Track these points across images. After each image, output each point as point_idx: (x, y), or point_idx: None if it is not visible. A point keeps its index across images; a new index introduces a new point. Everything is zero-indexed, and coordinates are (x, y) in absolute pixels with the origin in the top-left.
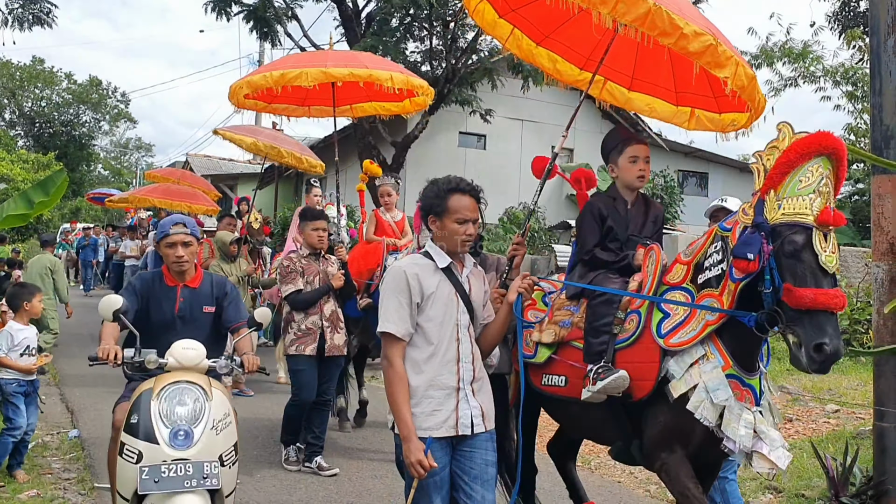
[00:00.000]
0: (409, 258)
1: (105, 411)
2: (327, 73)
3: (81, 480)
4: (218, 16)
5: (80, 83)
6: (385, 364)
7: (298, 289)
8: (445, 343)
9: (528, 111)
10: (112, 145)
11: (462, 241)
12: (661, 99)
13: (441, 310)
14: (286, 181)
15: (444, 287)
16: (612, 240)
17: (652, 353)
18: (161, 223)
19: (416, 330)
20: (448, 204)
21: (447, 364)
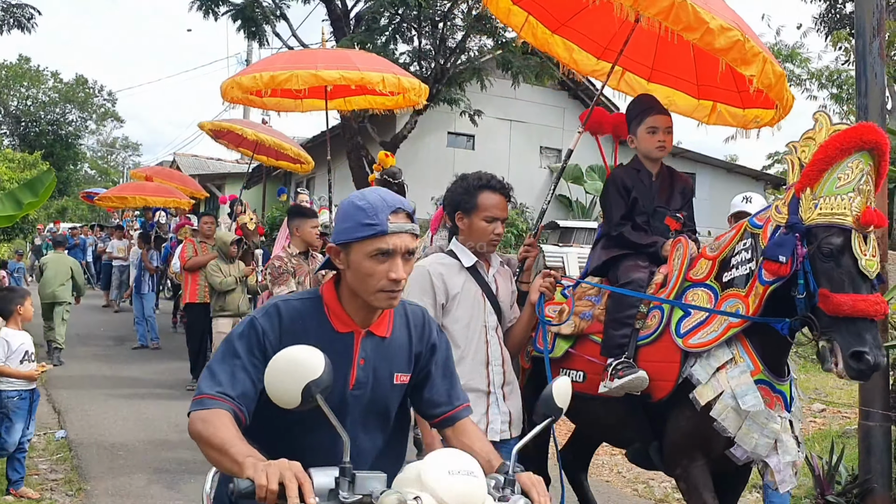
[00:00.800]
0: (433, 257)
1: (92, 412)
2: (318, 77)
3: (69, 481)
4: (205, 15)
5: (66, 82)
6: None
7: (291, 291)
8: (474, 345)
9: (517, 111)
10: (99, 144)
11: (490, 241)
12: (682, 91)
13: (467, 310)
14: (274, 181)
15: (469, 287)
16: (638, 213)
17: (672, 352)
18: (365, 208)
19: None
20: (478, 200)
21: (477, 367)
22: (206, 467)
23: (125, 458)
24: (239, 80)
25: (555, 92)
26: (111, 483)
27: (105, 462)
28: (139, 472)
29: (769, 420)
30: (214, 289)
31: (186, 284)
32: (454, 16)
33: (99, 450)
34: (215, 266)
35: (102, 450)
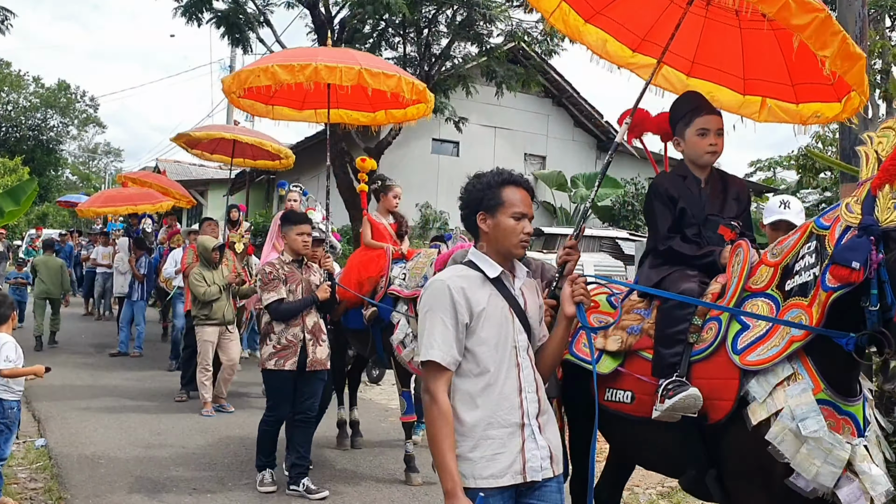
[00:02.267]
0: (451, 269)
1: (72, 420)
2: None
3: (48, 490)
4: (188, 21)
5: (48, 87)
6: (427, 400)
7: (281, 297)
8: (504, 370)
9: (501, 118)
10: (80, 150)
11: (520, 242)
12: (726, 87)
13: (495, 330)
14: (257, 186)
15: (495, 302)
16: (687, 224)
17: (731, 368)
18: None
19: (466, 356)
20: (503, 196)
21: (508, 396)
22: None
23: (106, 467)
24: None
25: (539, 99)
26: (92, 492)
27: (86, 471)
28: (120, 480)
29: (834, 446)
30: (198, 298)
31: (187, 291)
32: (439, 22)
33: (79, 458)
34: (198, 275)
35: (83, 458)
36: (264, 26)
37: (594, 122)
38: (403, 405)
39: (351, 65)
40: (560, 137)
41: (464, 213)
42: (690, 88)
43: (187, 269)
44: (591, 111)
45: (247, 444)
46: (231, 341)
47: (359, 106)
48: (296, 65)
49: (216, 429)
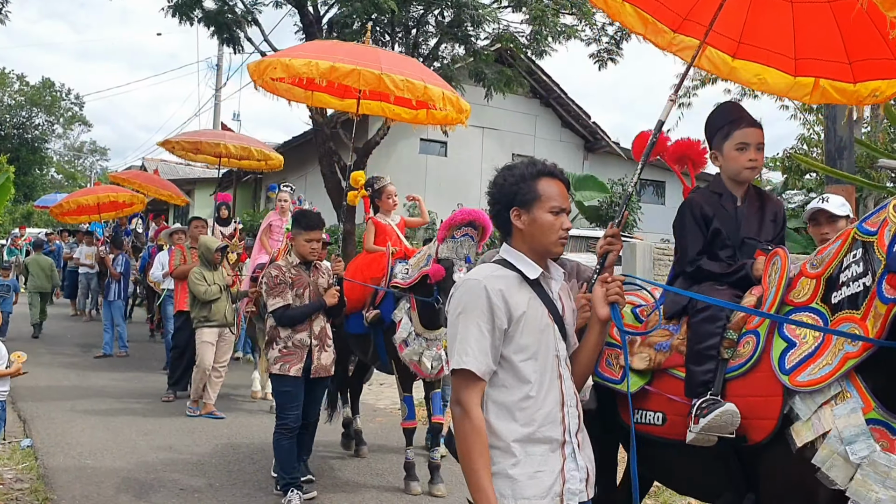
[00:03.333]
0: (486, 268)
1: (58, 420)
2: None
3: (35, 491)
4: (180, 20)
5: (32, 85)
6: (458, 412)
7: (287, 303)
8: (546, 382)
9: (489, 119)
10: (66, 149)
11: (559, 239)
12: (775, 68)
13: (535, 337)
14: (244, 186)
15: (535, 307)
16: (721, 246)
17: (772, 384)
18: None
19: (502, 365)
20: (539, 189)
21: (550, 410)
22: (174, 474)
23: (93, 467)
24: (288, 62)
25: (527, 100)
26: (78, 492)
27: (72, 471)
28: (107, 480)
29: (892, 468)
30: (197, 298)
31: (176, 292)
32: (427, 22)
33: (66, 458)
34: (198, 274)
35: (69, 458)
36: (252, 25)
37: (582, 122)
38: (405, 410)
39: (372, 69)
40: (548, 138)
41: (494, 209)
42: (737, 71)
43: (175, 270)
44: (579, 112)
45: (234, 443)
46: (225, 343)
47: (401, 102)
48: (312, 61)
49: (204, 429)
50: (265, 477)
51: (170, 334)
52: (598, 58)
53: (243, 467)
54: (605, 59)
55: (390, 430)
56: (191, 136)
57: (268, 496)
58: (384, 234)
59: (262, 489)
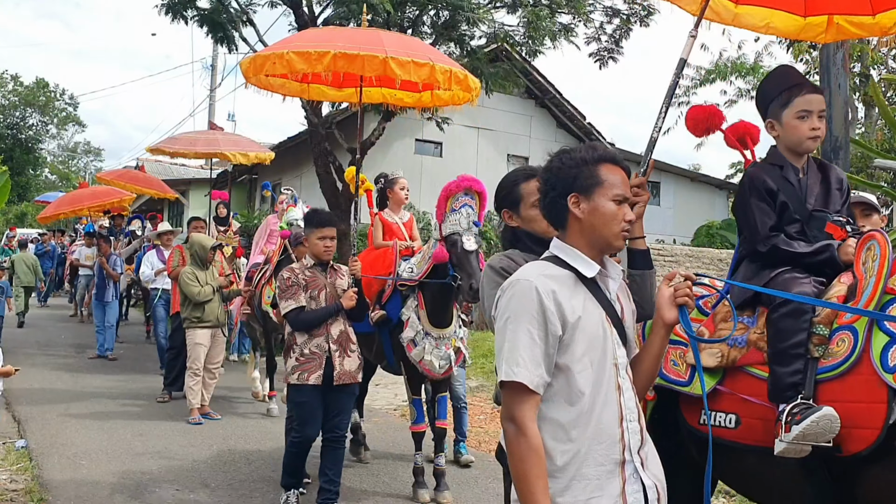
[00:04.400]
0: (536, 266)
1: (53, 421)
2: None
3: (29, 492)
4: (173, 19)
5: (26, 85)
6: (511, 430)
7: (300, 306)
8: (603, 394)
9: (484, 119)
10: (60, 149)
11: (621, 231)
12: (783, 10)
13: (591, 344)
14: (239, 187)
15: (591, 310)
16: (788, 221)
17: (874, 388)
18: None
19: (555, 376)
20: (601, 175)
21: (607, 426)
22: (170, 475)
23: (87, 468)
24: (287, 57)
25: (522, 100)
26: (73, 493)
27: (67, 472)
28: (102, 481)
29: None
30: (189, 299)
31: (174, 293)
32: (422, 23)
33: (60, 459)
34: (191, 274)
35: (64, 459)
36: (247, 25)
37: (577, 123)
38: (414, 414)
39: (375, 52)
40: (543, 138)
41: (549, 196)
42: (741, 17)
43: (173, 271)
44: (574, 112)
45: (230, 444)
46: (218, 344)
47: (404, 85)
48: (312, 52)
49: (199, 430)
50: (261, 477)
51: (161, 336)
52: (598, 56)
53: (239, 468)
54: (605, 58)
55: (386, 430)
56: (184, 144)
57: (263, 496)
58: (391, 233)
59: (257, 489)
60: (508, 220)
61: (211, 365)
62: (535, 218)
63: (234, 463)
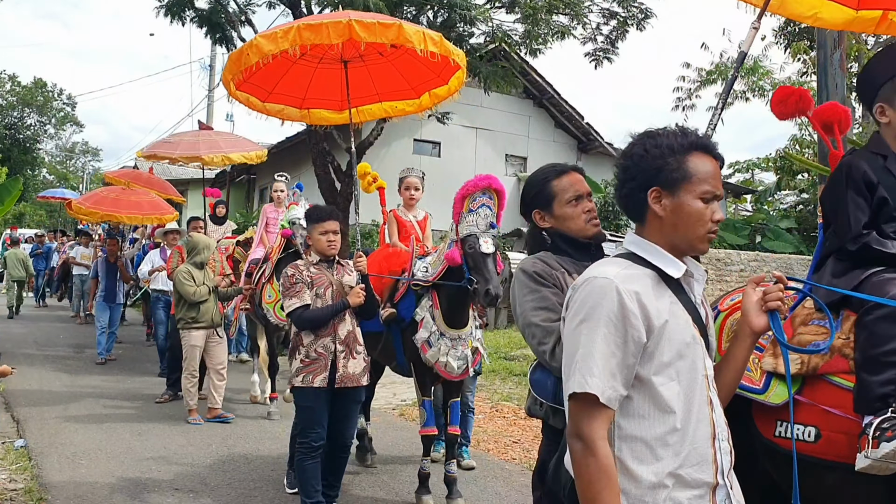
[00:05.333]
0: (613, 263)
1: (51, 420)
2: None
3: (29, 491)
4: (172, 20)
5: (24, 85)
6: (579, 448)
7: (305, 304)
8: (695, 410)
9: (483, 119)
10: (57, 149)
11: (707, 234)
12: (835, 1)
13: (679, 353)
14: (238, 187)
15: (678, 314)
16: (887, 219)
17: None
18: None
19: (637, 389)
20: (689, 167)
21: (699, 446)
22: (169, 475)
23: (87, 467)
24: (255, 42)
25: (520, 100)
26: (73, 492)
27: (66, 471)
28: (101, 480)
29: None
30: (185, 299)
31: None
32: (420, 23)
33: (60, 459)
34: (186, 273)
35: (63, 459)
36: (246, 25)
37: (575, 123)
38: (423, 416)
39: (338, 18)
40: (541, 139)
41: (626, 186)
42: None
43: (172, 272)
44: (572, 112)
45: (229, 443)
46: (218, 345)
47: (401, 94)
48: (278, 31)
49: (198, 430)
50: (260, 476)
51: (161, 338)
52: (593, 57)
53: (238, 467)
54: (600, 58)
55: (386, 430)
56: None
57: (263, 495)
58: (404, 231)
59: (257, 489)
60: (540, 220)
61: (217, 366)
62: (570, 216)
63: (234, 462)
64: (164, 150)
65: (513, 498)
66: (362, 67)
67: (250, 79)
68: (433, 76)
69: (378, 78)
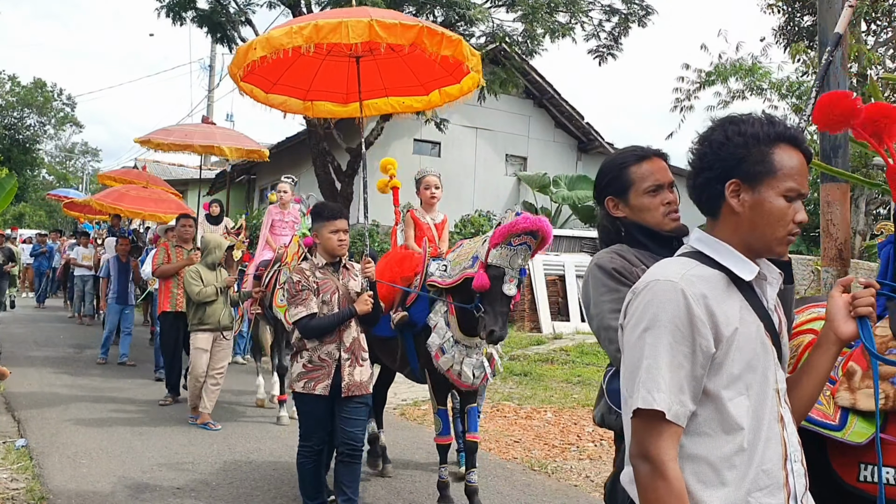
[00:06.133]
0: (678, 264)
1: (52, 420)
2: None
3: (30, 490)
4: (174, 21)
5: (24, 85)
6: (645, 470)
7: (312, 312)
8: (765, 428)
9: (483, 119)
10: (57, 150)
11: (787, 236)
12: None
13: (749, 364)
14: (238, 187)
15: (749, 321)
16: None
17: None
18: None
19: (703, 404)
20: (775, 160)
21: (770, 468)
22: (170, 474)
23: (88, 467)
24: (266, 37)
25: (520, 100)
26: (74, 492)
27: (68, 471)
28: (103, 479)
29: None
30: (191, 299)
31: (160, 292)
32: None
33: (61, 459)
34: (195, 273)
35: (64, 459)
36: (246, 25)
37: (575, 123)
38: (439, 425)
39: (360, 17)
40: (541, 138)
41: (701, 176)
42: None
43: (157, 269)
44: (572, 112)
45: (230, 443)
46: (221, 349)
47: (409, 90)
48: (294, 26)
49: (200, 430)
50: (262, 476)
51: (159, 337)
52: (597, 53)
53: (240, 467)
54: (604, 54)
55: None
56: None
57: (264, 495)
58: (420, 233)
59: (258, 488)
60: (613, 209)
61: (214, 371)
62: (647, 207)
63: (235, 462)
64: (158, 137)
65: (514, 497)
66: (371, 61)
67: (255, 70)
68: (445, 74)
69: (387, 72)
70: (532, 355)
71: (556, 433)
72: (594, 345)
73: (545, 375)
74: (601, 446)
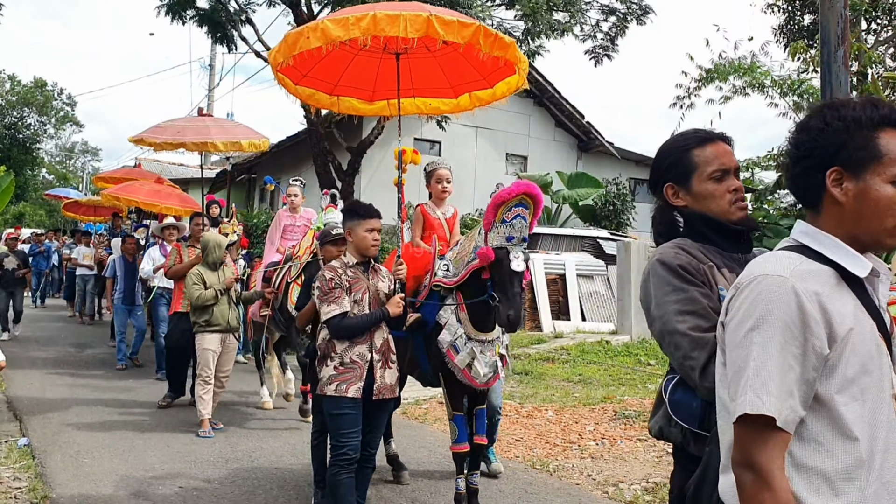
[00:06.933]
0: (785, 259)
1: (54, 419)
2: (431, 23)
3: (33, 489)
4: (173, 19)
5: (24, 85)
6: (748, 480)
7: (344, 311)
8: (882, 437)
9: (483, 118)
10: (57, 149)
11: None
12: None
13: (864, 367)
14: (239, 186)
15: (862, 320)
16: None
17: None
18: None
19: (815, 410)
20: (879, 145)
21: (889, 480)
22: (173, 472)
23: (90, 465)
24: (322, 26)
25: (521, 99)
26: (77, 491)
27: (70, 469)
28: (105, 478)
29: None
30: (191, 302)
31: (174, 293)
32: None
33: (63, 457)
34: (196, 275)
35: (66, 457)
36: (246, 25)
37: (575, 122)
38: (455, 432)
39: (418, 11)
40: (541, 137)
41: (800, 165)
42: None
43: (169, 270)
44: (573, 111)
45: (232, 441)
46: (228, 351)
47: (438, 92)
48: (350, 17)
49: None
50: (264, 475)
51: (161, 336)
52: (593, 54)
53: (242, 465)
54: (600, 55)
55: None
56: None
57: (267, 493)
58: (430, 230)
59: (260, 486)
60: (672, 196)
61: (220, 373)
62: (711, 194)
63: (237, 461)
64: (151, 135)
65: (516, 496)
66: (404, 59)
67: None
68: (478, 78)
69: (418, 72)
70: (533, 354)
71: (558, 432)
72: (594, 344)
73: (546, 374)
74: (602, 445)
